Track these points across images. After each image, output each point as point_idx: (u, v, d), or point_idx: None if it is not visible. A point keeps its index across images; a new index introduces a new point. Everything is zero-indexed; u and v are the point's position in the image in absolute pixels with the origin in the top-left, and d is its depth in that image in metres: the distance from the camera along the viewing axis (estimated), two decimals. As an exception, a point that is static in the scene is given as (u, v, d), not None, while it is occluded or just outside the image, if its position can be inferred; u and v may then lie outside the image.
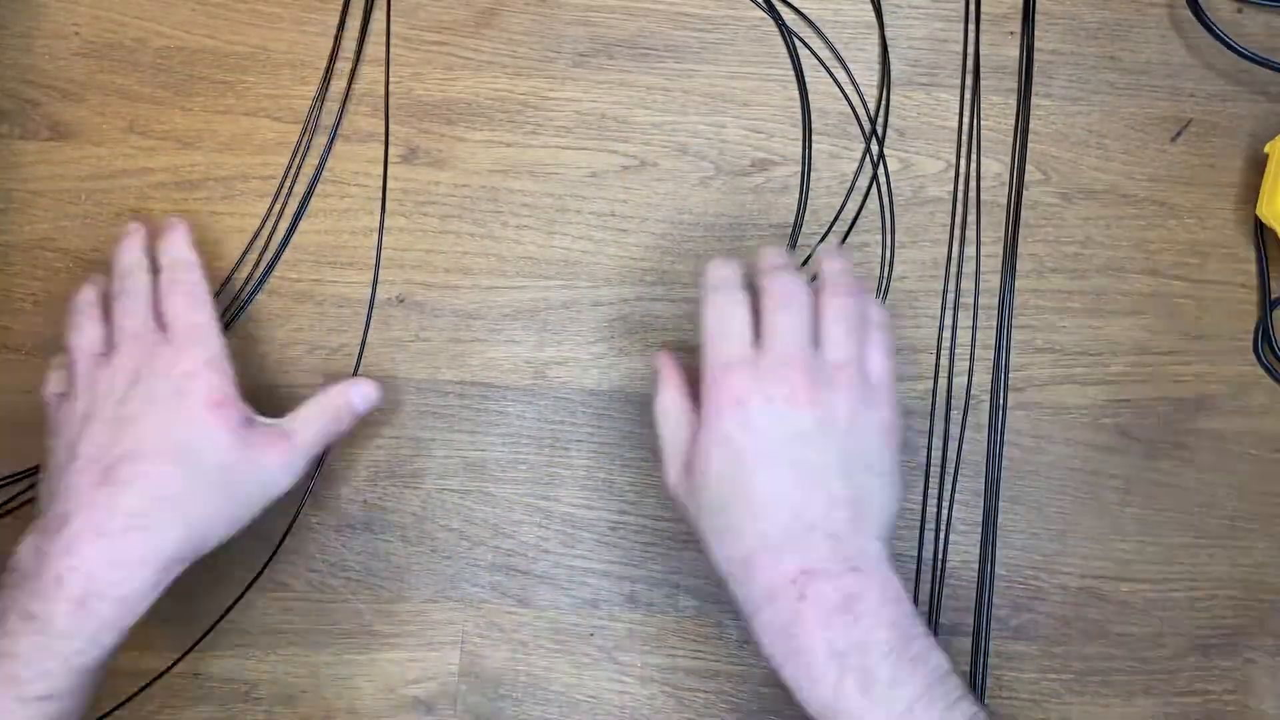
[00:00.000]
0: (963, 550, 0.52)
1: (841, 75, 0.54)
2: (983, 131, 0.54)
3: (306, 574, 0.51)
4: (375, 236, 0.52)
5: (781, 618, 0.37)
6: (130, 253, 0.46)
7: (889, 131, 0.54)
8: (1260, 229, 0.53)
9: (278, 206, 0.52)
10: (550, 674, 0.50)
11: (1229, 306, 0.53)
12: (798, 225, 0.53)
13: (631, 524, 0.51)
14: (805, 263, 0.53)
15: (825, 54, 0.55)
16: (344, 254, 0.52)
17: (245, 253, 0.52)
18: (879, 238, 0.53)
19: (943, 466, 0.52)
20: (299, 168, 0.53)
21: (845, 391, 0.40)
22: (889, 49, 0.55)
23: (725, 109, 0.54)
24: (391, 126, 0.53)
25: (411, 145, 0.53)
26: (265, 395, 0.51)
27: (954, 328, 0.53)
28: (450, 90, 0.54)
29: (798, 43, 0.54)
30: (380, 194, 0.52)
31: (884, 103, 0.54)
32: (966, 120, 0.54)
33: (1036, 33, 0.55)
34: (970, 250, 0.53)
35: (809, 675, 0.37)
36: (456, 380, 0.52)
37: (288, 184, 0.52)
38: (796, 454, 0.39)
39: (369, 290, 0.52)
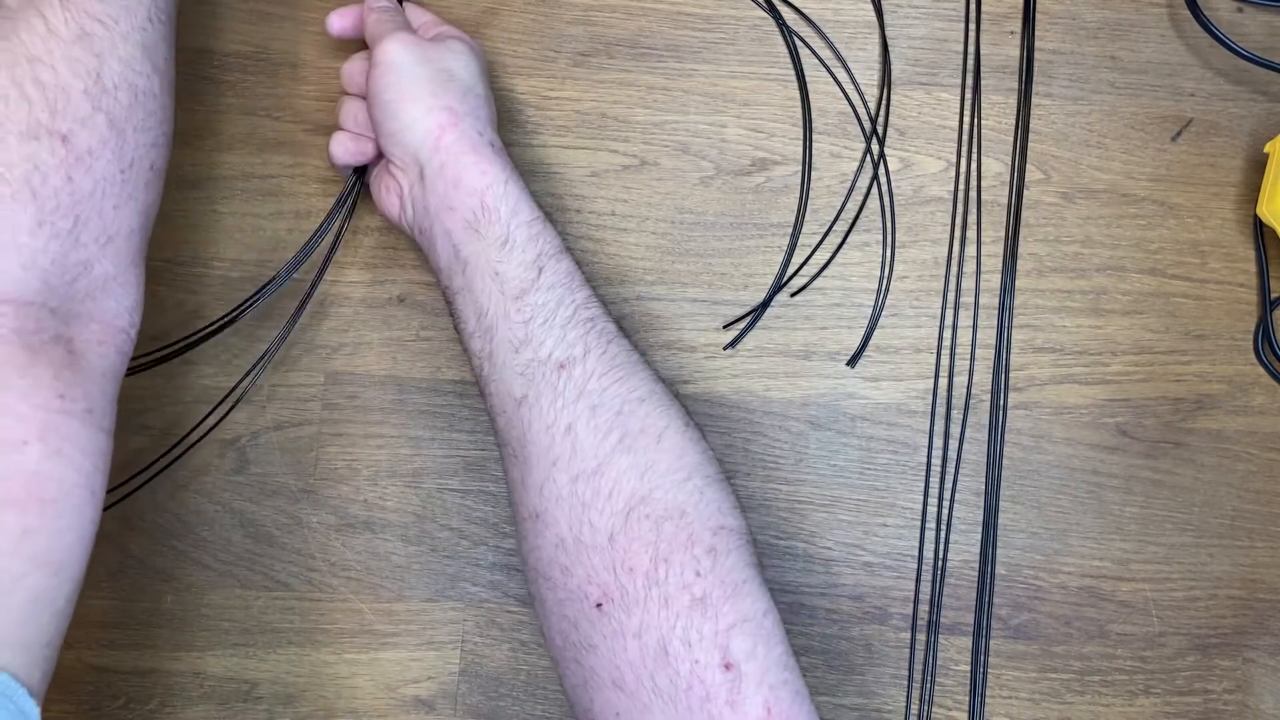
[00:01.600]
0: (963, 550, 0.52)
1: (842, 75, 0.54)
2: (983, 131, 0.54)
3: (306, 574, 0.51)
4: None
5: None
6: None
7: (889, 131, 0.54)
8: (1260, 229, 0.53)
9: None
10: (550, 674, 0.50)
11: (1229, 306, 0.53)
12: (798, 225, 0.53)
13: (632, 524, 0.51)
14: (804, 265, 0.53)
15: (825, 54, 0.55)
16: (344, 254, 0.52)
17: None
18: (879, 238, 0.53)
19: (943, 466, 0.52)
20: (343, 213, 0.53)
21: None
22: (889, 49, 0.55)
23: (725, 108, 0.54)
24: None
25: (412, 145, 0.53)
26: (266, 394, 0.51)
27: (954, 328, 0.53)
28: (450, 90, 0.54)
29: (798, 42, 0.54)
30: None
31: (884, 102, 0.54)
32: (967, 120, 0.54)
33: (1036, 33, 0.55)
34: (970, 250, 0.53)
35: None
36: (456, 380, 0.52)
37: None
38: None
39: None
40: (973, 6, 0.55)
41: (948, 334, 0.53)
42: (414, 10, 0.51)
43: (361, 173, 0.50)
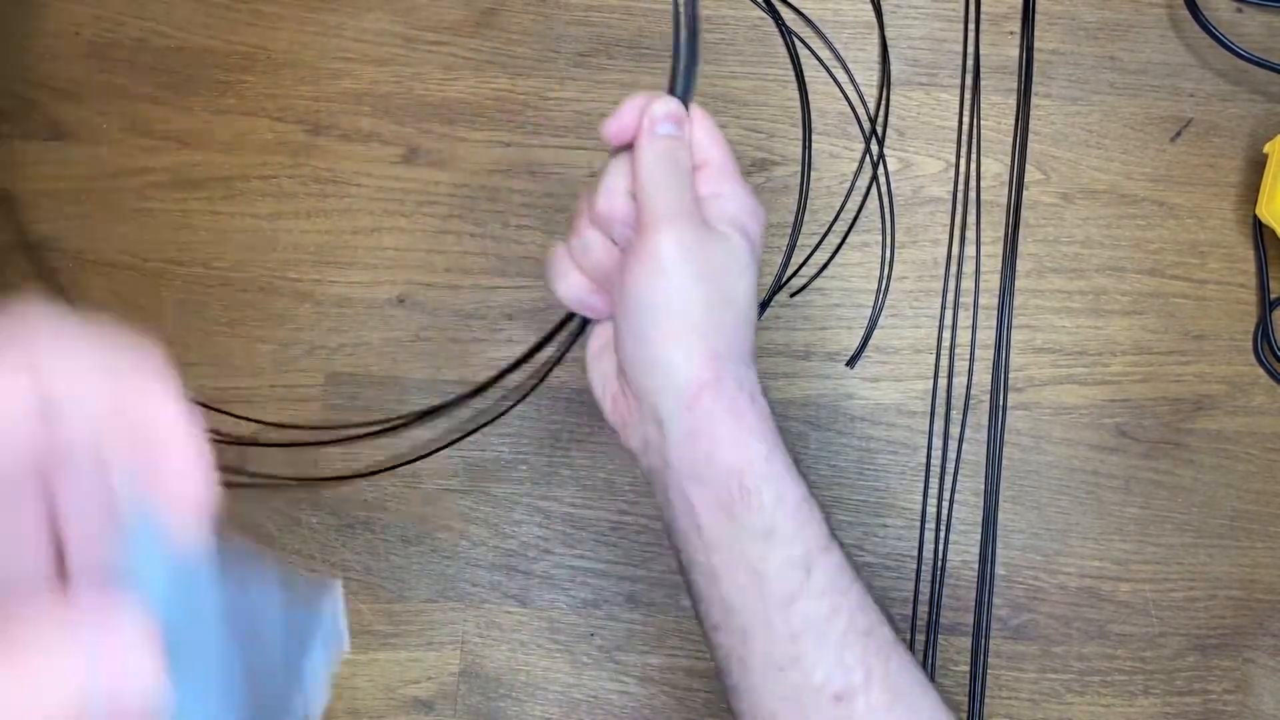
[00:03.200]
0: (963, 550, 0.52)
1: (841, 75, 0.54)
2: (983, 131, 0.54)
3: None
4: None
5: None
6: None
7: (889, 131, 0.54)
8: (1260, 229, 0.53)
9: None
10: (550, 674, 0.50)
11: (1229, 306, 0.53)
12: (798, 225, 0.53)
13: (631, 524, 0.51)
14: (803, 265, 0.53)
15: (825, 54, 0.55)
16: (344, 254, 0.52)
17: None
18: (879, 238, 0.53)
19: (943, 466, 0.52)
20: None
21: None
22: (889, 49, 0.55)
23: (725, 109, 0.54)
24: (391, 126, 0.53)
25: (412, 145, 0.53)
26: (265, 395, 0.51)
27: (954, 328, 0.53)
28: (450, 90, 0.54)
29: (798, 43, 0.54)
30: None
31: (884, 103, 0.54)
32: (966, 120, 0.54)
33: (1036, 33, 0.55)
34: (970, 250, 0.53)
35: None
36: (456, 380, 0.52)
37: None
38: None
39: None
40: (972, 7, 0.55)
41: (947, 334, 0.53)
42: (699, 138, 0.39)
43: (587, 321, 0.40)
